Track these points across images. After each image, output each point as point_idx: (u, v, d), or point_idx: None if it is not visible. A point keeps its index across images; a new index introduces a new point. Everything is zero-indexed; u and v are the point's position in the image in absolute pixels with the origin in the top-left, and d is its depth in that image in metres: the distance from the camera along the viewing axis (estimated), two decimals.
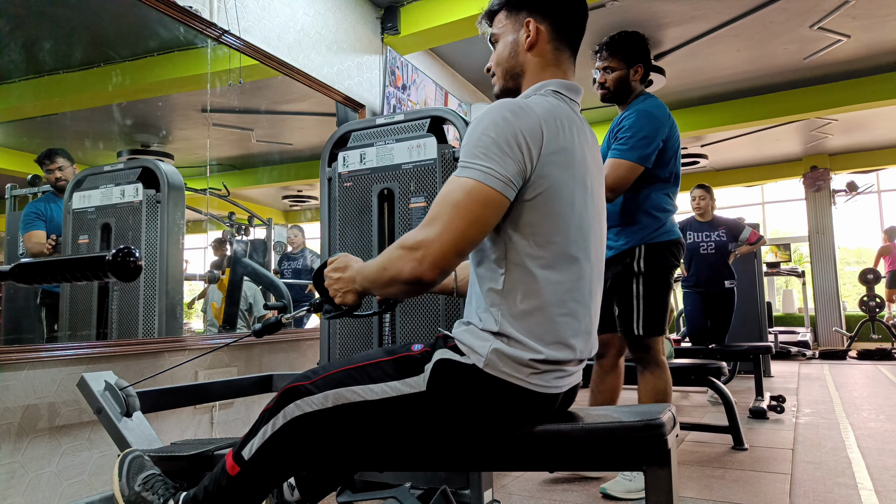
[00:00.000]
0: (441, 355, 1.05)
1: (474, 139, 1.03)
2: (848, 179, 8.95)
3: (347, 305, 1.16)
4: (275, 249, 3.85)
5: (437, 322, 1.87)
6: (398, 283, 1.02)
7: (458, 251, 0.98)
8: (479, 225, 0.99)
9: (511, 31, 1.21)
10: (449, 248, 0.98)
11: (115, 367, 2.08)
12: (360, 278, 1.12)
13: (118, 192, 2.37)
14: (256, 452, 1.10)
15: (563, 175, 1.05)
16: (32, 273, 0.89)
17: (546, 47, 1.19)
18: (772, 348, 4.16)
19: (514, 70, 1.21)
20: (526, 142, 1.01)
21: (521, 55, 1.20)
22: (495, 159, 0.99)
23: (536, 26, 1.18)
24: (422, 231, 1.00)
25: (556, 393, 1.07)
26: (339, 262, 1.18)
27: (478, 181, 0.99)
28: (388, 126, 2.01)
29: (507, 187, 1.00)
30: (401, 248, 1.01)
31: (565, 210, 1.05)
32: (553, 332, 1.04)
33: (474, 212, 0.98)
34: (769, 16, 4.29)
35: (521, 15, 1.19)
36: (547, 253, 1.04)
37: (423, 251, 0.98)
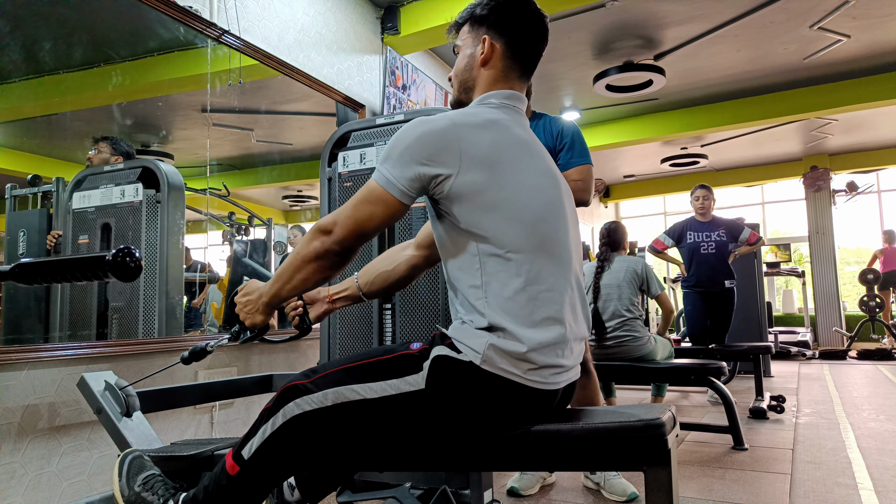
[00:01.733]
0: (438, 353, 1.06)
1: (388, 146, 1.13)
2: (848, 179, 8.95)
3: (257, 326, 1.23)
4: (275, 249, 3.85)
5: (436, 321, 1.87)
6: (306, 262, 1.12)
7: (356, 235, 1.11)
8: (375, 220, 1.11)
9: (470, 45, 1.26)
10: (349, 233, 1.11)
11: (115, 367, 2.08)
12: (265, 290, 1.20)
13: (118, 192, 2.37)
14: (256, 452, 1.10)
15: (494, 171, 1.09)
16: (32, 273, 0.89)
17: (498, 64, 1.23)
18: (772, 348, 4.17)
19: (467, 83, 1.26)
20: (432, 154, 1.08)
21: (475, 69, 1.24)
22: (400, 167, 1.09)
23: (492, 43, 1.22)
24: (332, 216, 1.13)
25: (554, 389, 1.08)
26: (246, 287, 1.26)
27: (378, 185, 1.10)
28: (388, 126, 2.01)
29: (404, 195, 1.09)
30: (313, 230, 1.13)
31: (511, 197, 1.09)
32: (539, 309, 1.05)
33: (371, 209, 1.11)
34: (769, 16, 4.29)
35: (480, 31, 1.24)
36: (509, 237, 1.07)
37: (331, 232, 1.11)
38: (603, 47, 4.75)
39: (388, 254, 1.48)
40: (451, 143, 1.09)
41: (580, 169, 2.27)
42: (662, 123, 6.44)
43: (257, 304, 1.22)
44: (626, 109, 6.30)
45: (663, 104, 6.18)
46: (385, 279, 1.44)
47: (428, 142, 1.09)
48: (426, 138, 1.09)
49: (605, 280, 3.40)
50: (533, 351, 1.03)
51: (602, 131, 6.63)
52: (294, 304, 1.41)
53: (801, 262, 10.60)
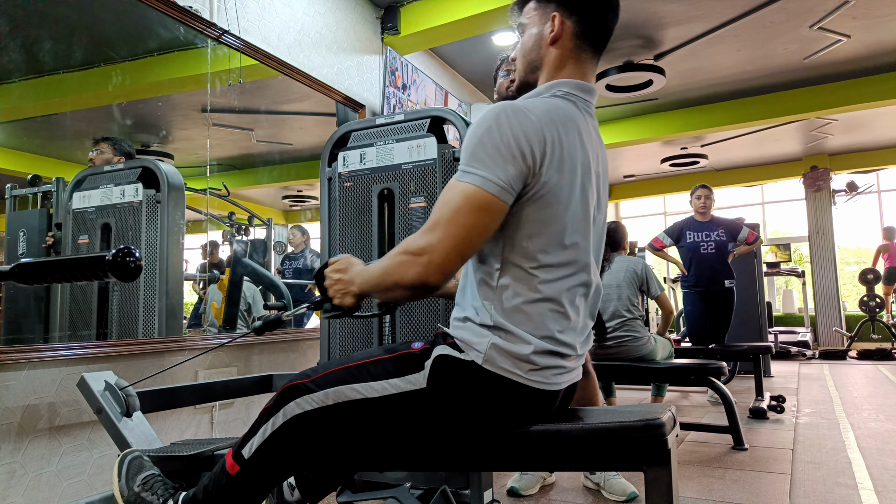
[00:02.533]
0: (440, 352, 1.05)
1: (473, 143, 1.03)
2: (848, 179, 8.95)
3: (345, 307, 1.16)
4: (275, 249, 3.85)
5: (437, 320, 1.87)
6: (401, 288, 1.02)
7: (460, 255, 0.99)
8: (480, 230, 1.00)
9: (537, 23, 1.19)
10: (452, 253, 0.98)
11: (115, 367, 2.08)
12: (359, 281, 1.12)
13: (118, 192, 2.37)
14: (256, 451, 1.10)
15: (561, 178, 1.05)
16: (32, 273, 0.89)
17: (568, 44, 1.16)
18: (772, 348, 4.17)
19: (534, 63, 1.20)
20: (528, 145, 1.01)
21: (544, 49, 1.18)
22: (495, 164, 1.00)
23: (562, 21, 1.15)
24: (424, 236, 1.00)
25: (555, 390, 1.07)
26: (340, 263, 1.17)
27: (477, 187, 0.99)
28: (388, 126, 2.01)
29: (506, 192, 1.00)
30: (404, 253, 1.01)
31: (562, 212, 1.05)
32: (543, 326, 1.04)
33: (474, 217, 0.99)
34: (769, 16, 4.29)
35: (548, 7, 1.17)
36: (541, 253, 1.04)
37: (428, 256, 0.98)
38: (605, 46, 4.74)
39: None
40: (544, 136, 1.03)
41: None
42: (662, 123, 6.44)
43: (348, 288, 1.13)
44: (626, 109, 6.29)
45: (663, 104, 6.18)
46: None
47: (526, 133, 1.01)
48: (524, 130, 1.02)
49: (605, 280, 3.40)
50: (536, 354, 1.03)
51: (602, 131, 6.59)
52: None
53: (801, 262, 10.60)
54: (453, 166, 1.88)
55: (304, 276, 4.04)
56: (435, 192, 1.89)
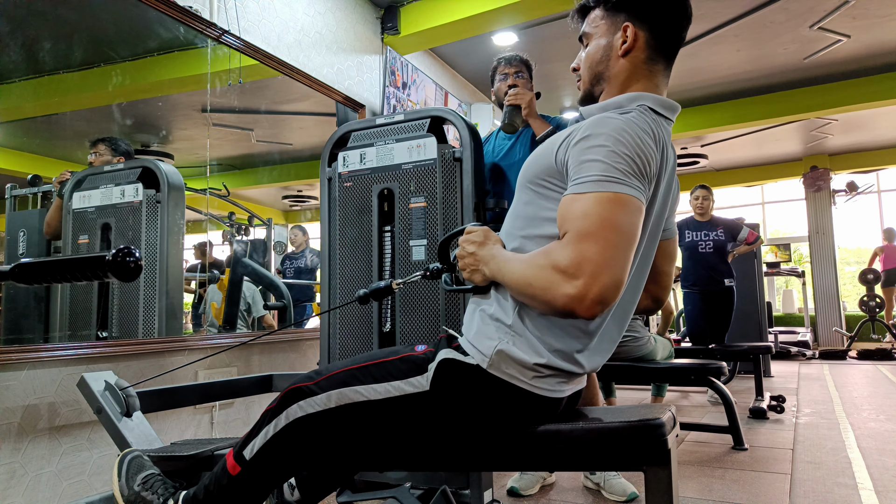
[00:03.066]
0: (445, 355, 1.05)
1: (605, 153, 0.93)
2: (848, 179, 8.95)
3: (473, 284, 1.08)
4: (275, 249, 3.85)
5: (438, 320, 1.87)
6: (542, 305, 0.93)
7: (623, 273, 0.87)
8: (635, 239, 0.90)
9: (605, 33, 1.12)
10: (616, 270, 0.86)
11: (115, 367, 2.08)
12: (494, 265, 1.03)
13: (118, 192, 2.37)
14: (258, 452, 1.10)
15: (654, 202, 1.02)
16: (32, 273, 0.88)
17: (641, 56, 1.10)
18: (772, 348, 4.17)
19: (601, 74, 1.13)
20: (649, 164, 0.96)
21: (614, 60, 1.11)
22: (630, 177, 0.92)
23: (635, 31, 1.09)
24: (573, 248, 0.87)
25: (559, 397, 1.06)
26: (478, 234, 1.08)
27: (625, 193, 0.89)
28: (388, 126, 2.01)
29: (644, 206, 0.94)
30: (553, 268, 0.89)
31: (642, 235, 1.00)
32: (562, 341, 1.02)
33: (632, 222, 0.89)
34: (769, 16, 4.29)
35: (619, 17, 1.10)
36: None
37: (583, 279, 0.85)
38: None
39: None
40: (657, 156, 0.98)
41: None
42: None
43: (479, 268, 1.05)
44: None
45: None
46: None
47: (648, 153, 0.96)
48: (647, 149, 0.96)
49: None
50: (542, 366, 1.01)
51: None
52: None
53: (801, 262, 10.60)
54: (453, 166, 1.88)
55: (305, 276, 4.04)
56: (435, 192, 1.89)
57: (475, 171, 1.87)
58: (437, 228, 1.87)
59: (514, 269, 0.98)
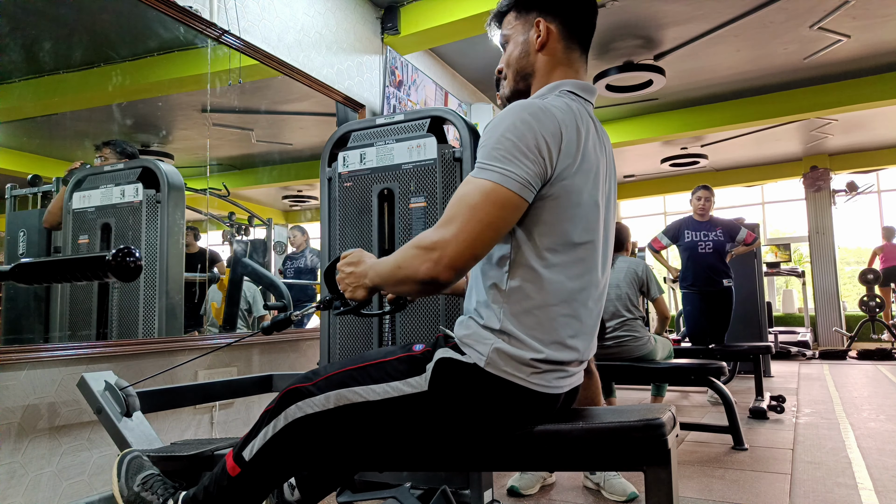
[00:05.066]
0: (442, 354, 1.05)
1: (493, 141, 1.01)
2: (848, 179, 8.94)
3: (357, 301, 1.14)
4: (275, 249, 3.85)
5: (438, 321, 1.87)
6: (412, 283, 1.01)
7: (473, 253, 0.98)
8: (496, 227, 0.98)
9: (521, 32, 1.19)
10: (465, 250, 0.97)
11: (115, 367, 2.08)
12: (372, 273, 1.10)
13: (118, 192, 2.37)
14: (257, 453, 1.10)
15: (577, 179, 1.04)
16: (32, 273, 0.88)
17: (557, 46, 1.17)
18: (772, 348, 4.17)
19: (524, 71, 1.20)
20: (546, 144, 1.00)
21: (532, 55, 1.18)
22: (514, 162, 0.98)
23: (547, 26, 1.16)
24: (438, 231, 0.99)
25: (557, 393, 1.07)
26: (352, 256, 1.16)
27: (496, 183, 0.97)
28: (388, 126, 2.01)
29: (525, 190, 0.99)
30: (417, 247, 1.00)
31: (576, 213, 1.04)
32: (554, 331, 1.03)
33: (491, 214, 0.97)
34: (769, 16, 4.29)
35: (530, 15, 1.18)
36: (553, 255, 1.03)
37: (440, 252, 0.97)
38: (603, 47, 4.75)
39: None
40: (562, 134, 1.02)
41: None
42: (662, 123, 6.44)
43: (360, 281, 1.12)
44: (626, 109, 6.29)
45: (663, 104, 6.18)
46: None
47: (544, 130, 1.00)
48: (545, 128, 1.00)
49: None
50: (539, 361, 1.02)
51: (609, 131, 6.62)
52: None
53: (801, 262, 10.60)
54: (453, 166, 1.88)
55: (305, 276, 4.04)
56: (435, 192, 1.89)
57: None
58: None
59: (386, 263, 1.07)
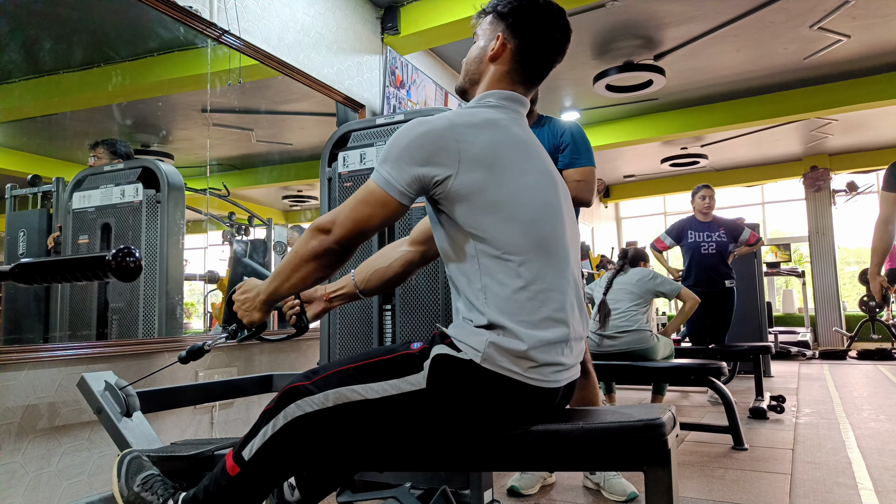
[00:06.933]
0: (438, 351, 1.06)
1: (388, 145, 1.12)
2: (848, 179, 8.94)
3: (254, 323, 1.23)
4: (275, 249, 3.85)
5: (436, 320, 1.87)
6: (307, 260, 1.12)
7: (355, 235, 1.11)
8: (376, 220, 1.11)
9: (485, 38, 1.24)
10: (348, 233, 1.11)
11: (115, 367, 2.08)
12: (262, 288, 1.20)
13: (118, 192, 2.37)
14: (257, 453, 1.10)
15: (491, 171, 1.08)
16: (32, 273, 0.88)
17: (506, 64, 1.21)
18: (772, 348, 4.17)
19: (473, 75, 1.26)
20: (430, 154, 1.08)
21: (484, 63, 1.23)
22: (398, 167, 1.08)
23: (504, 42, 1.21)
24: (331, 215, 1.12)
25: (555, 388, 1.08)
26: (245, 285, 1.25)
27: (378, 186, 1.10)
28: (388, 126, 2.01)
29: (403, 195, 1.09)
30: (310, 229, 1.13)
31: (509, 198, 1.09)
32: (540, 308, 1.05)
33: (372, 210, 1.11)
34: (769, 16, 4.29)
35: (499, 26, 1.22)
36: (506, 239, 1.07)
37: (330, 231, 1.11)
38: (603, 47, 4.75)
39: (384, 251, 1.49)
40: (449, 143, 1.08)
41: (582, 170, 2.27)
42: (662, 123, 6.44)
43: (255, 301, 1.21)
44: (626, 109, 6.29)
45: (663, 104, 6.18)
46: (381, 276, 1.44)
47: (426, 142, 1.08)
48: (425, 139, 1.09)
49: (617, 285, 3.66)
50: (533, 349, 1.03)
51: (602, 131, 6.63)
52: (291, 302, 1.42)
53: (801, 262, 10.59)
54: None
55: None
56: None
57: None
58: None
59: (279, 265, 1.17)
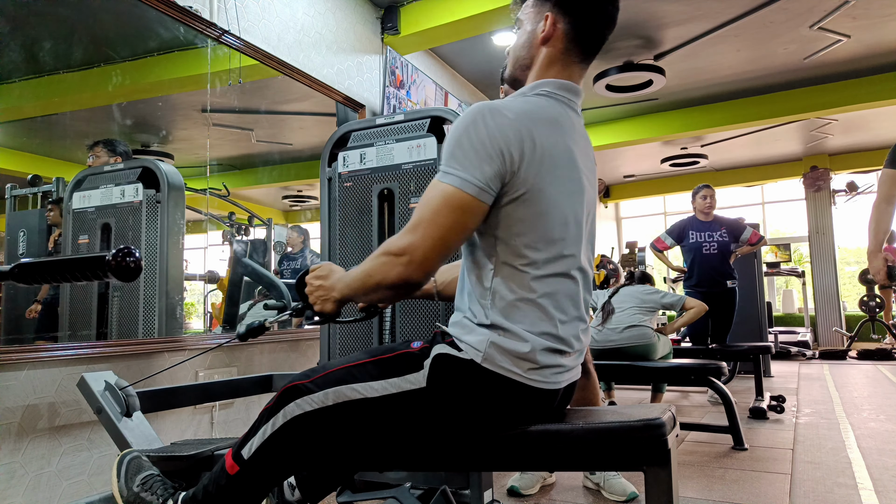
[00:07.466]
0: (439, 350, 1.05)
1: (452, 144, 1.04)
2: (848, 179, 8.94)
3: (325, 314, 1.17)
4: (275, 249, 3.85)
5: (437, 319, 1.87)
6: (384, 289, 1.04)
7: (440, 254, 1.01)
8: (458, 230, 1.01)
9: (532, 21, 1.19)
10: (431, 253, 1.00)
11: (115, 367, 2.08)
12: (340, 286, 1.13)
13: (118, 192, 2.37)
14: (256, 452, 1.10)
15: (542, 175, 1.05)
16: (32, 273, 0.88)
17: (559, 45, 1.16)
18: (772, 348, 4.17)
19: (523, 60, 1.20)
20: (505, 145, 1.01)
21: (534, 48, 1.18)
22: (472, 165, 1.01)
23: (554, 21, 1.15)
24: (405, 237, 1.02)
25: (555, 389, 1.07)
26: (321, 269, 1.19)
27: (455, 188, 1.00)
28: (387, 126, 2.01)
29: (484, 193, 1.01)
30: (386, 254, 1.03)
31: (547, 208, 1.05)
32: (540, 322, 1.04)
33: (453, 217, 1.00)
34: (769, 16, 4.29)
35: (545, 6, 1.17)
36: (532, 251, 1.05)
37: (409, 256, 1.00)
38: (603, 47, 4.75)
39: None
40: (523, 136, 1.03)
41: None
42: (662, 123, 6.44)
43: (329, 294, 1.15)
44: (626, 109, 6.29)
45: (663, 104, 6.18)
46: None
47: (501, 133, 1.02)
48: (500, 129, 1.02)
49: (626, 289, 3.75)
50: (535, 352, 1.03)
51: (602, 131, 6.63)
52: None
53: (801, 262, 10.59)
54: None
55: None
56: None
57: None
58: None
59: (355, 274, 1.09)
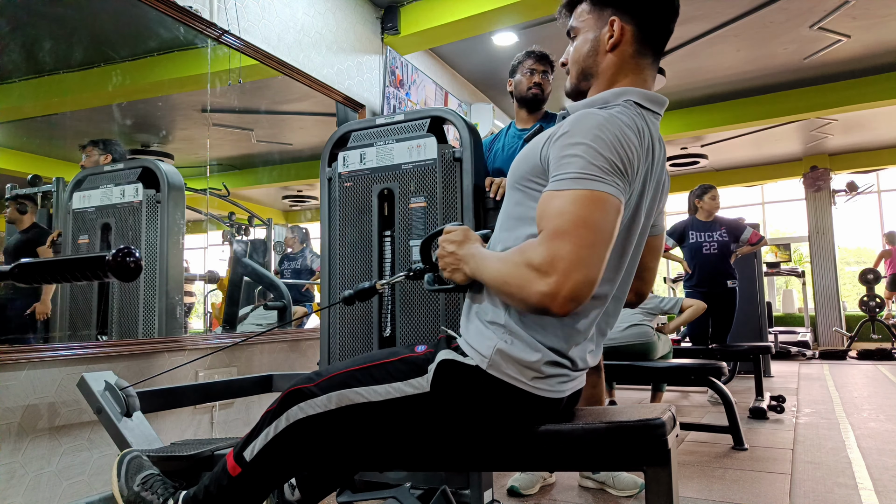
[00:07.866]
0: (444, 356, 1.05)
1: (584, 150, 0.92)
2: (848, 179, 8.94)
3: (455, 283, 1.08)
4: (275, 249, 3.85)
5: (438, 321, 1.86)
6: (520, 303, 0.93)
7: (595, 277, 0.86)
8: (610, 240, 0.89)
9: (593, 28, 1.11)
10: (592, 275, 0.86)
11: (115, 367, 2.08)
12: (473, 264, 1.04)
13: (118, 192, 2.37)
14: (258, 454, 1.10)
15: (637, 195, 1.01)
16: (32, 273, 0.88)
17: (628, 50, 1.09)
18: (772, 348, 4.17)
19: (589, 70, 1.12)
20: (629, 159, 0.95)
21: (601, 56, 1.10)
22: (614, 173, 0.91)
23: (622, 26, 1.08)
24: (550, 246, 0.87)
25: (559, 397, 1.06)
26: (457, 233, 1.09)
27: (608, 193, 0.89)
28: (388, 126, 2.01)
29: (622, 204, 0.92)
30: (528, 266, 0.89)
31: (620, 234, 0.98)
32: (556, 340, 1.02)
33: (610, 229, 0.89)
34: (769, 16, 4.29)
35: (605, 11, 1.09)
36: None
37: (557, 277, 0.85)
38: None
39: None
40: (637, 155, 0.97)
41: None
42: (662, 123, 6.36)
43: (460, 267, 1.06)
44: None
45: None
46: None
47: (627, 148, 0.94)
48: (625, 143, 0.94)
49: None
50: (541, 362, 1.01)
51: None
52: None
53: (801, 262, 10.60)
54: (453, 166, 1.88)
55: (303, 276, 4.04)
56: (435, 193, 1.89)
57: (475, 171, 1.87)
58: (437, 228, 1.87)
59: (492, 266, 0.99)
